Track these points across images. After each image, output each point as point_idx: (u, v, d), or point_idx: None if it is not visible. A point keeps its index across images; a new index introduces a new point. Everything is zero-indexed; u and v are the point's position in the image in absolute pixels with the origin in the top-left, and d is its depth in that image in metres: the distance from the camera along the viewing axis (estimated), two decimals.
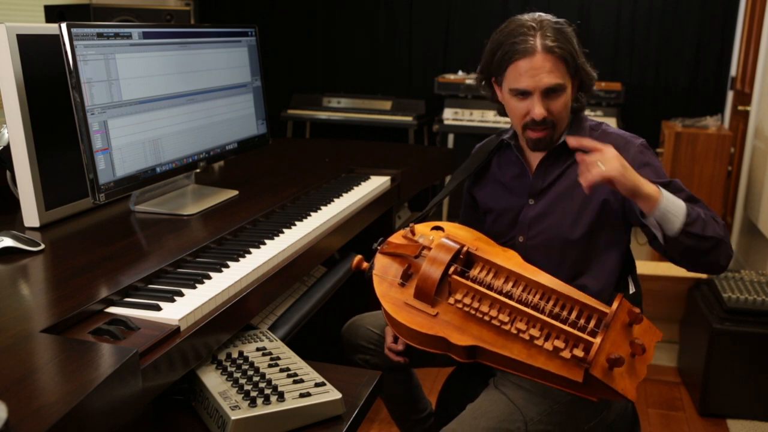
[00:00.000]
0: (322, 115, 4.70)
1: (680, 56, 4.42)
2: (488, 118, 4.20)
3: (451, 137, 4.34)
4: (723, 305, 2.51)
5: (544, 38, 1.44)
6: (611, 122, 4.05)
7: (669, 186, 1.45)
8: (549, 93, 1.45)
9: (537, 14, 1.51)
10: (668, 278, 2.95)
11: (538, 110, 1.45)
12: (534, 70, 1.43)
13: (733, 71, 4.28)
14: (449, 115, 4.30)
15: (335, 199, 1.95)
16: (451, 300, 1.36)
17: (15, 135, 1.50)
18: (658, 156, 3.80)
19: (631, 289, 1.58)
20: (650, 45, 4.44)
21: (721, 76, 4.37)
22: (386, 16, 4.91)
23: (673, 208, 1.35)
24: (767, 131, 3.41)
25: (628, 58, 4.48)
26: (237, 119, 2.01)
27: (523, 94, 1.47)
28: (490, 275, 1.41)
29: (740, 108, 3.91)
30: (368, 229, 2.04)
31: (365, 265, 1.52)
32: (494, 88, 1.57)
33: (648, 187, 1.34)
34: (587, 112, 4.09)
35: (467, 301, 1.35)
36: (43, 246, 1.43)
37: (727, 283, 2.63)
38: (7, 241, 1.38)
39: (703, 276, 2.85)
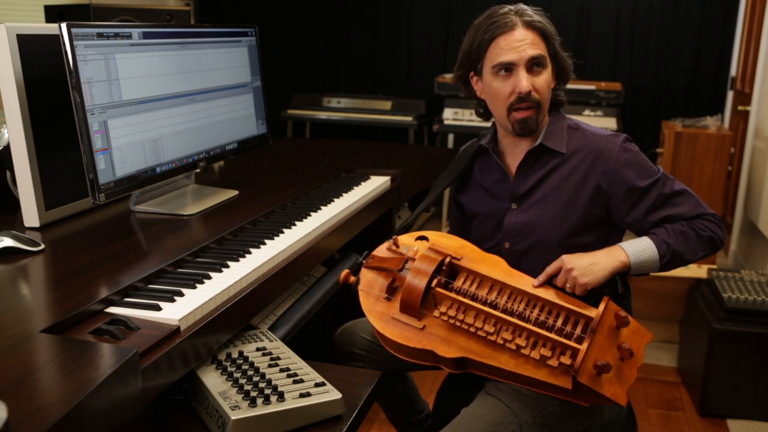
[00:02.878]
0: (322, 115, 4.70)
1: (680, 56, 4.42)
2: None
3: (451, 137, 4.34)
4: (723, 305, 2.51)
5: (522, 15, 1.48)
6: (611, 122, 4.05)
7: (656, 184, 1.49)
8: (533, 67, 1.47)
9: (521, 5, 1.54)
10: (668, 278, 2.95)
11: (524, 82, 1.46)
12: (516, 42, 1.46)
13: (733, 71, 4.28)
14: (449, 115, 4.30)
15: (335, 199, 1.95)
16: (436, 313, 1.36)
17: (15, 135, 1.50)
18: (659, 155, 3.80)
19: (620, 289, 1.58)
20: (650, 45, 4.43)
21: (721, 76, 4.37)
22: (386, 16, 4.90)
23: (645, 261, 1.47)
24: (767, 131, 3.41)
25: (628, 58, 4.47)
26: (237, 119, 2.01)
27: (507, 69, 1.47)
28: (474, 285, 1.40)
29: (740, 108, 3.91)
30: (368, 229, 2.04)
31: (352, 279, 1.52)
32: (472, 84, 1.58)
33: (613, 261, 1.45)
34: (587, 112, 4.10)
35: (452, 313, 1.34)
36: (43, 246, 1.43)
37: (727, 283, 2.63)
38: (7, 241, 1.38)
39: (704, 276, 2.85)
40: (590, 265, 1.42)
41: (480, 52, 1.51)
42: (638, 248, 1.46)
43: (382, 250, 1.54)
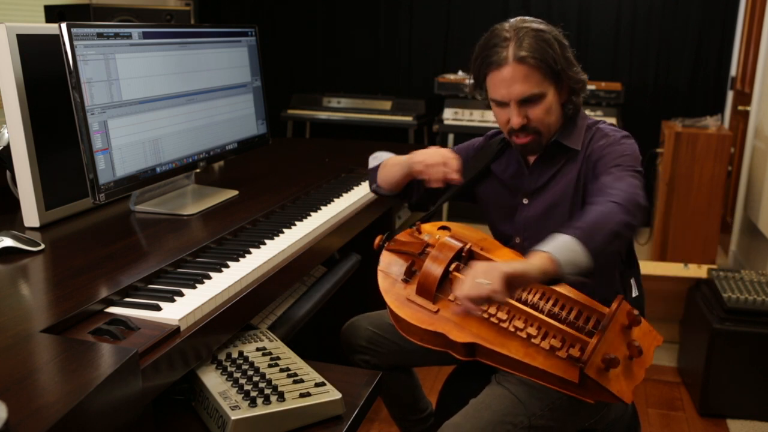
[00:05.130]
0: (322, 115, 4.70)
1: (680, 56, 4.42)
2: (488, 118, 4.20)
3: (451, 137, 4.34)
4: (723, 305, 2.51)
5: (517, 48, 1.41)
6: (611, 122, 4.04)
7: (614, 166, 1.40)
8: (525, 102, 1.45)
9: (520, 19, 1.48)
10: (668, 278, 2.95)
11: (515, 119, 1.46)
12: (506, 81, 1.43)
13: (733, 71, 4.28)
14: (449, 115, 4.30)
15: (335, 199, 1.95)
16: (451, 297, 1.37)
17: (15, 135, 1.50)
18: (659, 155, 3.79)
19: (634, 293, 1.57)
20: (650, 45, 4.43)
21: (721, 76, 4.37)
22: (386, 16, 4.91)
23: (563, 248, 1.20)
24: (767, 131, 3.41)
25: (628, 58, 4.48)
26: (237, 119, 2.01)
27: (501, 104, 1.47)
28: None
29: (740, 108, 3.91)
30: (368, 229, 2.04)
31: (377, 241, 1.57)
32: (487, 93, 1.57)
33: (534, 269, 1.17)
34: (587, 112, 4.10)
35: None
36: (43, 246, 1.43)
37: (727, 283, 2.63)
38: (7, 241, 1.38)
39: (704, 276, 2.85)
40: (488, 269, 1.17)
41: (480, 80, 1.51)
42: (560, 248, 1.21)
43: (404, 235, 1.57)
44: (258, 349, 1.36)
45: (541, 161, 1.56)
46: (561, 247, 1.20)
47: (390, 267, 1.50)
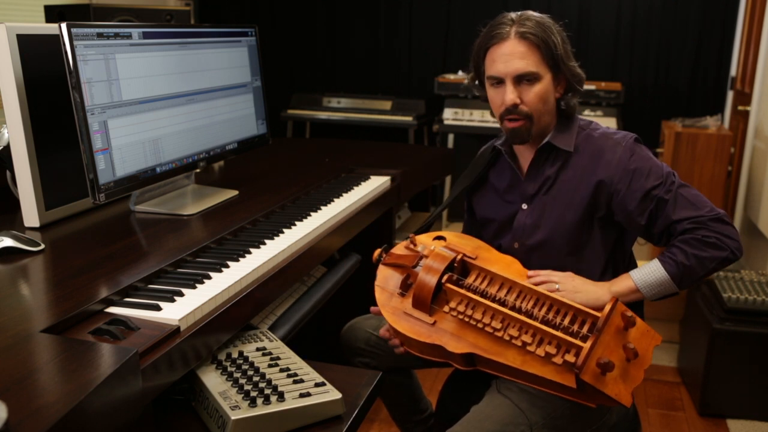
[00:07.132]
0: (322, 115, 4.70)
1: (680, 56, 4.42)
2: (488, 118, 4.19)
3: (451, 137, 4.34)
4: (723, 305, 2.51)
5: (519, 27, 1.46)
6: (611, 122, 4.04)
7: (659, 187, 1.43)
8: (521, 80, 1.45)
9: (528, 11, 1.52)
10: None
11: (508, 96, 1.46)
12: (505, 55, 1.45)
13: (733, 71, 4.28)
14: (449, 115, 4.30)
15: (335, 199, 1.95)
16: (446, 308, 1.38)
17: (15, 135, 1.50)
18: (659, 155, 3.79)
19: None
20: (650, 45, 4.43)
21: (721, 76, 4.37)
22: (386, 16, 4.90)
23: (658, 286, 1.43)
24: (767, 131, 3.41)
25: (628, 58, 4.47)
26: (237, 119, 2.01)
27: (498, 81, 1.48)
28: (485, 283, 1.42)
29: (740, 108, 3.91)
30: (368, 229, 2.04)
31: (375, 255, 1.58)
32: (484, 87, 1.57)
33: (602, 292, 1.44)
34: (587, 112, 4.09)
35: (461, 308, 1.36)
36: (43, 246, 1.43)
37: (727, 283, 2.63)
38: (7, 241, 1.38)
39: None
40: (574, 292, 1.42)
41: (479, 60, 1.52)
42: (648, 275, 1.44)
43: (399, 248, 1.57)
44: (258, 349, 1.36)
45: (536, 164, 1.55)
46: (652, 281, 1.43)
47: (386, 281, 1.50)
